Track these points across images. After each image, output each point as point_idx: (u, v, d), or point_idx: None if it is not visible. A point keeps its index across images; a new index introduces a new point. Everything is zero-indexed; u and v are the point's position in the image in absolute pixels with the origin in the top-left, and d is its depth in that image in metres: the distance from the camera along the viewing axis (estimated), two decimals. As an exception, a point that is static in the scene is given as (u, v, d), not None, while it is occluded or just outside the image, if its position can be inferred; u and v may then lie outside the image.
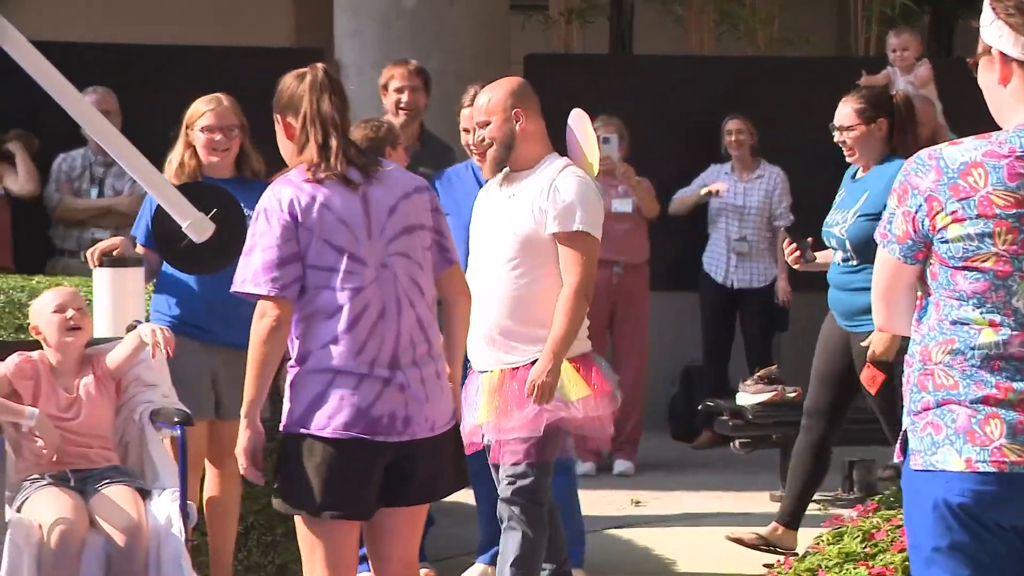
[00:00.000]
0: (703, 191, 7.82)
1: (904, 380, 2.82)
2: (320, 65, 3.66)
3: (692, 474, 7.22)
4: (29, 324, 4.66)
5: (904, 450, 2.80)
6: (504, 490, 4.36)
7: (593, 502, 6.54)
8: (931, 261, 2.78)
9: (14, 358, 4.55)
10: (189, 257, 3.42)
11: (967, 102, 3.85)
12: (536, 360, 4.34)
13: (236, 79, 7.70)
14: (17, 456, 4.53)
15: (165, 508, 4.39)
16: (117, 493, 4.42)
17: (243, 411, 3.60)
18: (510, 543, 4.35)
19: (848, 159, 5.30)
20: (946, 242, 2.74)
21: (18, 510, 4.38)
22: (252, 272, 3.53)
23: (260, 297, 3.53)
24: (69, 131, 6.99)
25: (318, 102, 3.58)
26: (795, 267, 5.34)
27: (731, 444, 6.93)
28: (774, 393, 6.66)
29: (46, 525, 4.29)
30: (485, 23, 7.75)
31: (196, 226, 3.24)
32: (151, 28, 9.33)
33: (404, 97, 5.92)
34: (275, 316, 3.51)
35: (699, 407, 7.20)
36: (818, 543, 4.32)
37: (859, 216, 5.13)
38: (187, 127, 5.00)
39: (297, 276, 3.51)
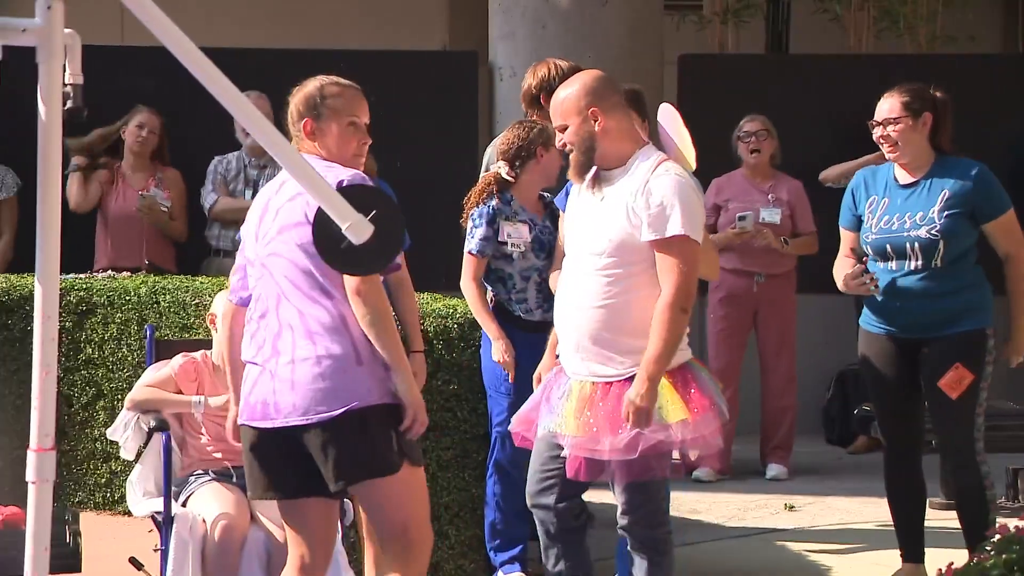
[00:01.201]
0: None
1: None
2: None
3: (847, 479, 7.10)
4: (208, 314, 4.74)
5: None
6: (620, 519, 4.19)
7: (746, 506, 6.48)
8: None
9: (179, 359, 4.67)
10: (349, 258, 3.46)
11: None
12: (632, 376, 4.07)
13: (389, 83, 7.80)
14: (182, 452, 4.65)
15: (323, 505, 4.45)
16: (277, 490, 4.50)
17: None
18: (637, 571, 4.26)
19: (889, 156, 4.98)
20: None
21: (183, 505, 4.50)
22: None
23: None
24: (222, 135, 7.18)
25: None
26: (871, 294, 4.97)
27: (888, 450, 6.78)
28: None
29: (209, 520, 4.39)
30: (638, 23, 7.71)
31: (356, 228, 3.28)
32: (304, 33, 9.47)
33: None
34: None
35: (855, 411, 7.07)
36: (981, 552, 4.22)
37: (947, 215, 4.87)
38: None
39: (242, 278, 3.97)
